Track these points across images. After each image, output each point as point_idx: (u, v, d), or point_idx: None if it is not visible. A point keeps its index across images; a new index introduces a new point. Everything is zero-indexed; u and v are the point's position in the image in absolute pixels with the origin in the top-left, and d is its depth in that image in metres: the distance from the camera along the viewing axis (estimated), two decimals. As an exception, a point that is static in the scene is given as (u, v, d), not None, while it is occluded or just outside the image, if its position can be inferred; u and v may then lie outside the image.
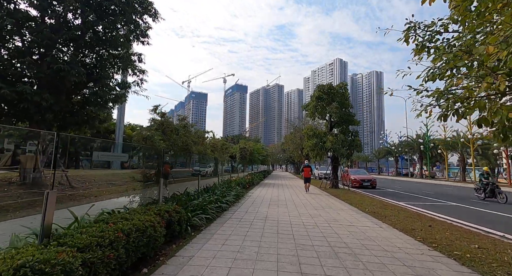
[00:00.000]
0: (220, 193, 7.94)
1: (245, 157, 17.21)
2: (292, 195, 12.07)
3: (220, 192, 7.98)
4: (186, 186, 8.23)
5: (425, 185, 23.05)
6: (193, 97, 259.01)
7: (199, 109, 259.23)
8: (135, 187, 5.04)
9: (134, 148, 4.64)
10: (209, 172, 32.10)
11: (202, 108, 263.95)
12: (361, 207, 8.78)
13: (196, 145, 6.95)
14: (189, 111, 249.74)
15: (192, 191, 7.91)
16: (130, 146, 4.63)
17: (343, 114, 15.88)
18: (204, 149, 8.08)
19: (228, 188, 9.88)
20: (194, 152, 6.28)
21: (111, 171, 19.47)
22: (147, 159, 4.79)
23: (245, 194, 11.30)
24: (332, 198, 11.40)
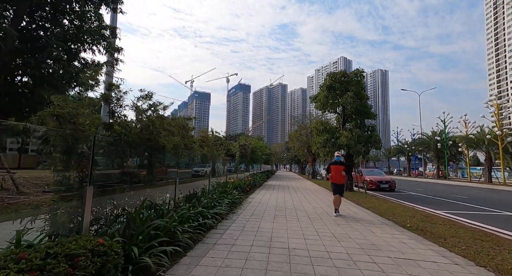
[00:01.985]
0: (208, 202, 5.83)
1: (246, 155, 15.11)
2: (302, 200, 9.94)
3: (207, 201, 5.88)
4: (169, 191, 6.18)
5: (448, 187, 20.65)
6: (196, 97, 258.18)
7: (202, 109, 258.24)
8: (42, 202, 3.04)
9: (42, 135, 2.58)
10: (207, 172, 30.06)
11: (205, 108, 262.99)
12: (396, 219, 6.61)
13: (172, 136, 4.87)
14: (192, 111, 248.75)
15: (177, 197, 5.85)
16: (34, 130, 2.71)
17: (359, 106, 13.68)
18: (188, 142, 5.99)
19: (221, 193, 7.78)
20: (162, 144, 4.18)
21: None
22: (65, 152, 2.72)
23: (244, 200, 9.20)
24: (352, 204, 9.23)
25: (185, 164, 8.46)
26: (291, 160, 46.25)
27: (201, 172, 28.57)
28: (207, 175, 29.32)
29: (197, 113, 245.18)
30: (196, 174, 28.11)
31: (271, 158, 35.77)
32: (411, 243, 4.53)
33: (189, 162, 8.68)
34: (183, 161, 7.14)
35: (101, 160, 3.81)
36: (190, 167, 24.34)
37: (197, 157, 7.30)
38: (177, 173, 5.26)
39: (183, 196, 6.27)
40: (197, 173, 28.42)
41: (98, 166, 3.48)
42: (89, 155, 2.98)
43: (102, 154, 3.73)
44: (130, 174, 3.95)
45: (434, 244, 4.52)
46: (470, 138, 23.99)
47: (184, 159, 7.21)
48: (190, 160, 8.44)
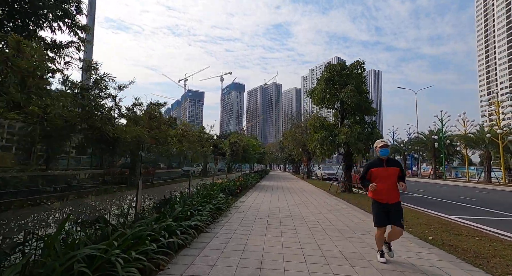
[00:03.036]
0: (183, 211, 4.60)
1: (237, 153, 13.89)
2: (298, 203, 8.80)
3: (182, 209, 4.65)
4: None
5: (448, 187, 19.90)
6: (189, 95, 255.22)
7: (195, 108, 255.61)
8: None
9: None
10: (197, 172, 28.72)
11: (199, 107, 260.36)
12: (411, 228, 5.53)
13: (131, 125, 3.64)
14: (186, 110, 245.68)
15: (142, 205, 4.62)
16: None
17: (360, 101, 12.64)
18: (157, 135, 4.75)
19: (205, 197, 6.56)
20: (112, 135, 2.93)
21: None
22: None
23: (232, 204, 7.99)
24: (355, 209, 8.14)
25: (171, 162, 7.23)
26: (285, 159, 45.22)
27: (189, 171, 27.50)
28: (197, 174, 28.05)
29: (191, 112, 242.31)
30: (185, 173, 26.98)
31: (265, 157, 34.62)
32: (447, 267, 3.42)
33: (171, 160, 7.43)
34: (157, 159, 5.89)
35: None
36: (173, 166, 23.03)
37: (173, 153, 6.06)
38: (140, 174, 4.01)
39: (154, 203, 5.02)
40: (186, 172, 27.24)
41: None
42: None
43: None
44: (55, 178, 2.70)
45: (477, 269, 3.42)
46: (469, 137, 23.38)
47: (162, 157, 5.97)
48: (172, 157, 7.20)
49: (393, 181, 3.58)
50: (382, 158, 3.66)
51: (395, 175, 3.59)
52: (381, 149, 3.69)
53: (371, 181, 3.64)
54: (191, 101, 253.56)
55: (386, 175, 3.56)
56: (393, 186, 3.58)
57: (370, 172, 3.68)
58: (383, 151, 3.67)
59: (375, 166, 3.66)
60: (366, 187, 3.71)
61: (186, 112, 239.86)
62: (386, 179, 3.54)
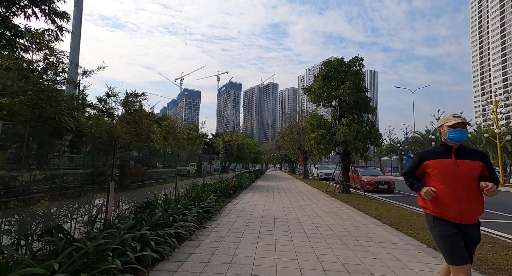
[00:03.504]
0: (163, 216, 4.07)
1: (231, 152, 13.36)
2: (294, 205, 8.31)
3: (163, 215, 4.11)
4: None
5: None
6: (186, 94, 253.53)
7: (192, 108, 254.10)
8: None
9: None
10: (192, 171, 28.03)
11: (195, 106, 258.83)
12: (418, 234, 5.08)
13: (101, 118, 3.10)
14: (182, 109, 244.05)
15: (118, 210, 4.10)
16: None
17: (359, 98, 12.21)
18: (142, 131, 4.20)
19: (192, 199, 6.03)
20: (69, 127, 2.38)
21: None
22: None
23: (223, 207, 7.46)
24: (354, 210, 7.67)
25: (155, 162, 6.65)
26: (281, 159, 44.83)
27: (182, 171, 26.74)
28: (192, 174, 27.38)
29: (187, 111, 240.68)
30: (178, 173, 26.27)
31: (260, 157, 34.13)
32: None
33: (155, 160, 6.86)
34: (141, 159, 5.33)
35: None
36: (161, 166, 22.42)
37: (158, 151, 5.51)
38: (111, 175, 3.45)
39: (133, 208, 4.48)
40: (179, 172, 26.57)
41: None
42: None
43: None
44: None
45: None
46: (467, 137, 23.01)
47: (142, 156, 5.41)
48: (155, 156, 6.63)
49: (470, 184, 2.07)
50: (451, 144, 2.13)
51: (475, 174, 2.07)
52: (451, 129, 2.10)
53: (426, 181, 2.23)
54: (188, 100, 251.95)
55: (457, 173, 2.06)
56: (470, 193, 2.07)
57: (424, 165, 2.21)
58: (456, 133, 2.08)
59: (435, 156, 2.16)
60: (416, 190, 2.24)
61: (182, 112, 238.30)
62: (457, 179, 2.06)
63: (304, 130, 26.95)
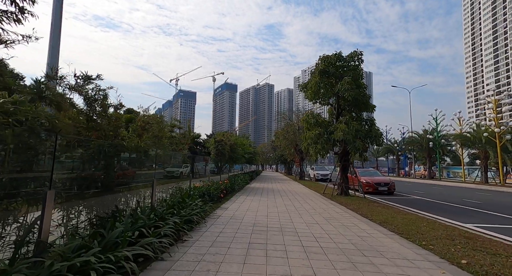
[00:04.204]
0: (125, 233, 3.23)
1: (223, 153, 12.52)
2: (290, 210, 7.52)
3: (125, 230, 3.28)
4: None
5: (447, 188, 19.11)
6: (181, 95, 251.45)
7: (187, 108, 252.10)
8: None
9: None
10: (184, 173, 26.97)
11: (191, 107, 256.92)
12: (433, 246, 4.34)
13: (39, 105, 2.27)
14: (177, 110, 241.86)
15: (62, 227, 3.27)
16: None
17: (358, 95, 11.52)
18: (105, 126, 3.37)
19: (171, 207, 5.19)
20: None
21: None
22: None
23: (211, 213, 6.64)
24: (356, 216, 6.92)
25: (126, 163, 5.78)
26: (277, 159, 44.09)
27: (175, 172, 25.64)
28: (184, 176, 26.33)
29: (182, 112, 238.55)
30: (169, 175, 25.14)
31: (256, 157, 33.30)
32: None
33: (126, 160, 5.98)
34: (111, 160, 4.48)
35: None
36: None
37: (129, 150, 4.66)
38: (50, 180, 2.62)
39: (93, 221, 3.63)
40: (170, 174, 25.42)
41: None
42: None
43: None
44: None
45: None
46: (466, 136, 22.77)
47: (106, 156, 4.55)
48: (126, 156, 5.77)
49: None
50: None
51: None
52: None
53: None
54: (183, 101, 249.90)
55: None
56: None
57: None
58: None
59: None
60: None
61: (178, 113, 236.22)
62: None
63: (300, 130, 26.27)
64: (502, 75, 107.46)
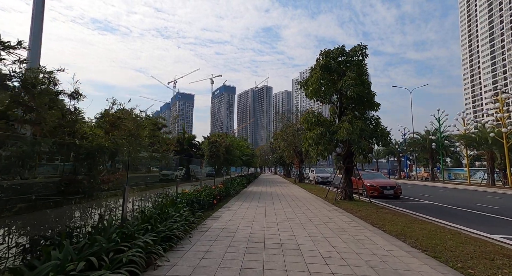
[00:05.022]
0: (64, 266, 2.30)
1: (218, 154, 11.61)
2: (291, 219, 6.61)
3: (64, 261, 2.35)
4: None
5: (454, 191, 18.26)
6: (179, 98, 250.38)
7: (185, 111, 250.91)
8: None
9: None
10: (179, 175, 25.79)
11: (189, 109, 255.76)
12: (474, 271, 3.46)
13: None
14: (175, 113, 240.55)
15: None
16: None
17: (362, 91, 10.69)
18: (50, 119, 2.47)
19: (147, 221, 4.26)
20: None
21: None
22: None
23: (200, 223, 5.71)
24: (367, 227, 6.03)
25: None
26: (276, 162, 43.19)
27: (170, 176, 24.48)
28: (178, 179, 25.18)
29: (180, 115, 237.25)
30: (164, 178, 23.92)
31: (254, 160, 32.39)
32: None
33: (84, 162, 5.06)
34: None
35: None
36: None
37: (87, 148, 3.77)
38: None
39: (20, 246, 2.70)
40: (165, 177, 24.22)
41: None
42: None
43: None
44: None
45: None
46: (471, 137, 22.01)
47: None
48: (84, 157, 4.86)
49: None
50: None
51: None
52: None
53: None
54: (181, 103, 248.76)
55: None
56: None
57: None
58: None
59: None
60: None
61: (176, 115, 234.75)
62: None
63: (299, 132, 25.45)
64: (499, 77, 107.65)
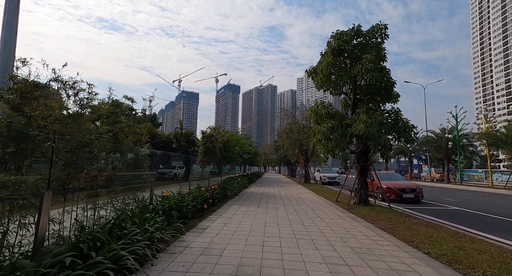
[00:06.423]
0: None
1: (214, 151, 10.16)
2: (299, 234, 5.11)
3: None
4: None
5: (478, 195, 16.48)
6: (184, 96, 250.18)
7: (190, 109, 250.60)
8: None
9: None
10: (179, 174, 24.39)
11: (194, 108, 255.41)
12: None
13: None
14: (180, 111, 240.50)
15: None
16: None
17: (381, 78, 9.09)
18: None
19: (71, 249, 2.79)
20: None
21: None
22: None
23: (175, 240, 4.25)
24: (404, 249, 4.48)
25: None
26: (280, 161, 41.60)
27: (168, 174, 23.16)
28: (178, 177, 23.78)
29: (185, 113, 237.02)
30: (162, 176, 22.64)
31: (257, 158, 30.88)
32: None
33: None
34: None
35: None
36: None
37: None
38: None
39: None
40: (163, 175, 22.96)
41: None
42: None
43: None
44: None
45: None
46: (495, 135, 20.13)
47: None
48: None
49: None
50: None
51: None
52: None
53: None
54: (186, 102, 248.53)
55: None
56: None
57: None
58: None
59: None
60: None
61: (180, 114, 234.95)
62: None
63: (304, 129, 23.88)
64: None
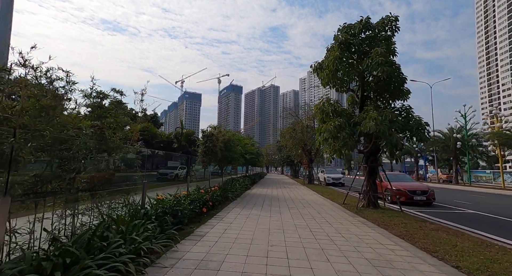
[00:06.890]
0: None
1: (214, 151, 9.67)
2: (306, 241, 4.59)
3: None
4: None
5: (492, 197, 15.77)
6: (186, 97, 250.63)
7: (192, 110, 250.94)
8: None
9: None
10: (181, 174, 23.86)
11: (196, 109, 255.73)
12: None
13: None
14: (182, 112, 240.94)
15: None
16: None
17: (392, 73, 8.52)
18: None
19: (38, 265, 2.29)
20: None
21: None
22: None
23: (165, 251, 3.74)
24: (426, 260, 3.92)
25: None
26: (283, 161, 41.02)
27: (169, 175, 22.68)
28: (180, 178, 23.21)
29: (188, 114, 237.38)
30: (163, 177, 22.18)
31: (260, 159, 30.35)
32: None
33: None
34: None
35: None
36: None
37: None
38: None
39: None
40: (164, 176, 22.51)
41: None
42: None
43: None
44: None
45: None
46: (507, 134, 19.39)
47: None
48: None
49: None
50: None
51: None
52: None
53: None
54: (188, 103, 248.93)
55: None
56: None
57: None
58: None
59: None
60: None
61: (183, 114, 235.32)
62: None
63: (308, 129, 23.33)
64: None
